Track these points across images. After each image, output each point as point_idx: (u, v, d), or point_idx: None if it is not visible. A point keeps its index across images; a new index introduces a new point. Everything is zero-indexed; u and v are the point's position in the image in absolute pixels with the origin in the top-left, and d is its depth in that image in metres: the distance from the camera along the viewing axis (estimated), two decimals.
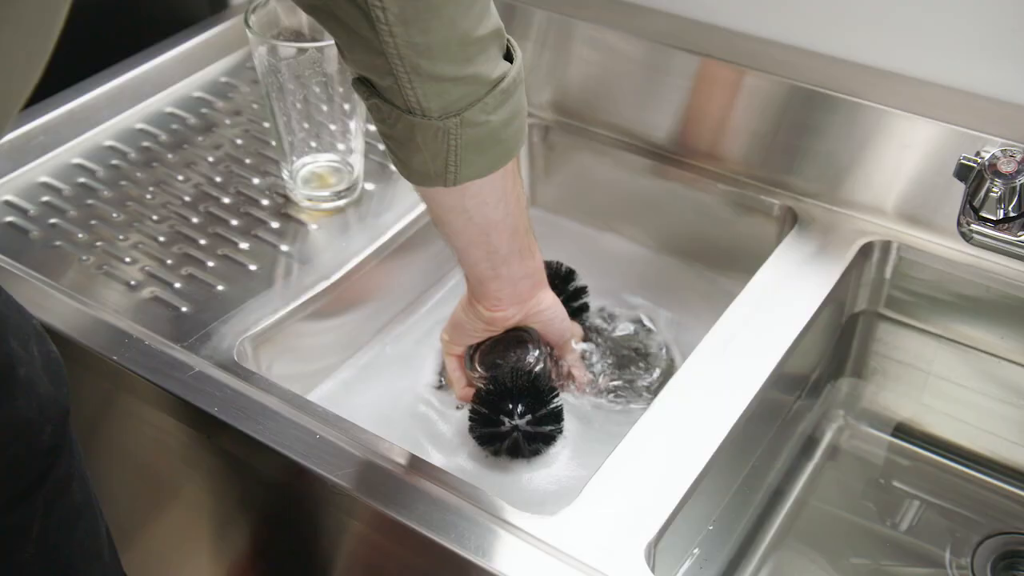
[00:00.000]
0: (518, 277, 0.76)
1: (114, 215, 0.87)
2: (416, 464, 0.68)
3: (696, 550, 0.75)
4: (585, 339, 0.87)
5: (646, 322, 0.91)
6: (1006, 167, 0.73)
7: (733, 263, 0.94)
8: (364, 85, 0.64)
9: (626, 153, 0.97)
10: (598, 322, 0.90)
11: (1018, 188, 0.73)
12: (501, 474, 0.80)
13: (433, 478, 0.67)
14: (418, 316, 0.94)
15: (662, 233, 0.98)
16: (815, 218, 0.88)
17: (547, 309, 0.80)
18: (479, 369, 0.82)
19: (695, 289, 0.96)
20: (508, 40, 0.66)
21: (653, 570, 0.64)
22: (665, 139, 0.96)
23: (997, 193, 0.74)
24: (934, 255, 0.85)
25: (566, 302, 0.85)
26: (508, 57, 0.66)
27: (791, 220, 0.88)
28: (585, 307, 0.89)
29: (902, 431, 0.93)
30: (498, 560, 0.62)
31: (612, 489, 0.67)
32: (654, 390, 0.85)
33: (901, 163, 0.86)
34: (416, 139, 0.64)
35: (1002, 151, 0.73)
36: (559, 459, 0.80)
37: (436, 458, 0.81)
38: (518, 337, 0.82)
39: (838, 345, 0.91)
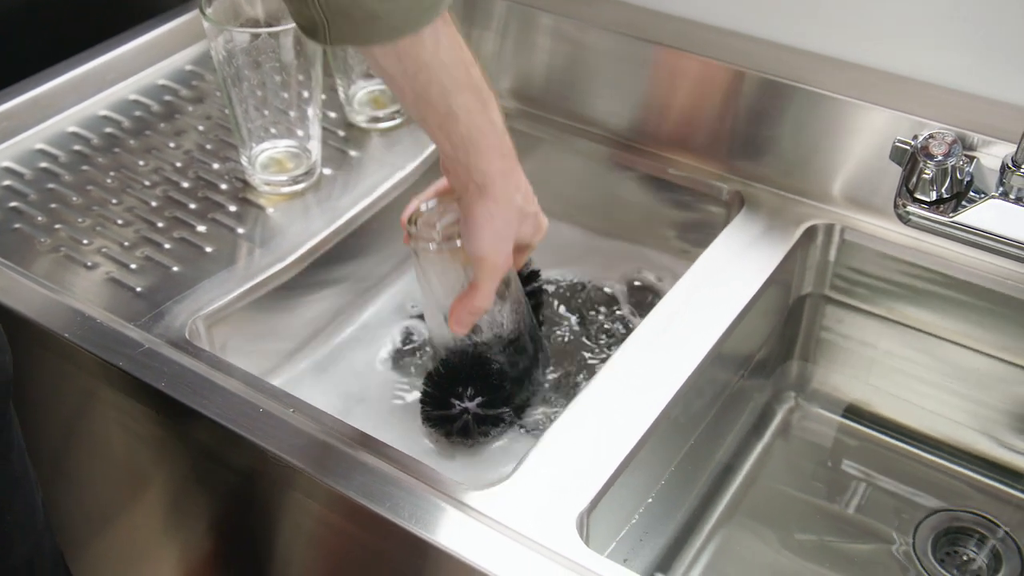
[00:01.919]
0: (446, 150, 0.68)
1: (74, 199, 0.89)
2: (357, 437, 0.70)
3: (636, 522, 0.77)
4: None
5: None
6: (937, 149, 0.75)
7: (683, 248, 0.96)
8: None
9: (583, 140, 0.99)
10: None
11: (949, 169, 0.75)
12: (453, 450, 0.82)
13: (373, 450, 0.69)
14: (377, 300, 0.95)
15: (615, 218, 1.00)
16: (762, 202, 0.90)
17: (470, 218, 0.70)
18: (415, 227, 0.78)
19: (643, 271, 0.98)
20: None
21: (587, 541, 0.65)
22: (622, 127, 0.98)
23: (930, 175, 0.76)
24: (876, 237, 0.87)
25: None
26: None
27: (739, 204, 0.90)
28: (540, 290, 0.91)
29: (851, 412, 0.95)
30: (433, 530, 0.64)
31: (549, 461, 0.69)
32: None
33: (847, 148, 0.88)
34: None
35: (932, 134, 0.75)
36: (508, 433, 0.82)
37: (390, 436, 0.83)
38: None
39: (786, 327, 0.92)
